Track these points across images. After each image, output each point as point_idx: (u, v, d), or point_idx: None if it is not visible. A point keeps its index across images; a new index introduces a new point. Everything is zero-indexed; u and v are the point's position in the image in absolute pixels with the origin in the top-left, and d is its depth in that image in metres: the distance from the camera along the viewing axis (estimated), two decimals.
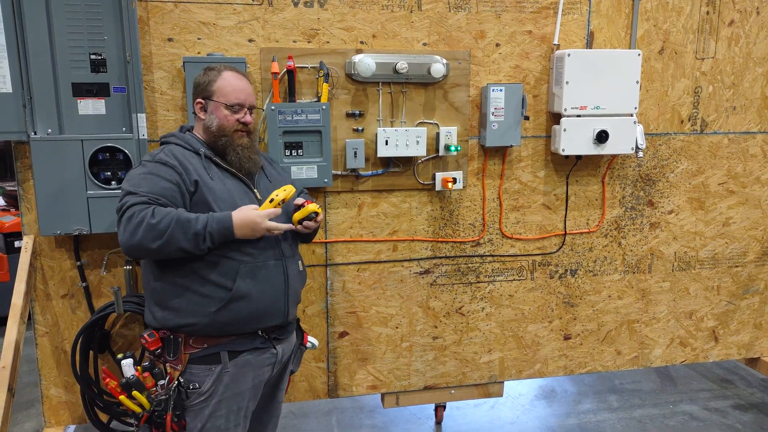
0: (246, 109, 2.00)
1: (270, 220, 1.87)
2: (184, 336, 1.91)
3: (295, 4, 2.47)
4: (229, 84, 1.97)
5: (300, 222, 2.03)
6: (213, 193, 1.91)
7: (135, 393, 1.89)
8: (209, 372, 1.92)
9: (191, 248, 1.81)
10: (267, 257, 1.96)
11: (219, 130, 1.97)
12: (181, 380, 1.91)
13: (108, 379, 1.95)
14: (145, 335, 1.92)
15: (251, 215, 1.85)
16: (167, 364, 1.94)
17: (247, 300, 1.91)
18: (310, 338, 2.29)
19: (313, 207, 2.02)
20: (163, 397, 1.90)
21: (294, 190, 1.94)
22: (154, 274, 1.94)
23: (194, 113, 2.02)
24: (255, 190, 2.02)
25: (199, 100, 1.99)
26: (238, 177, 1.99)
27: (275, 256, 1.98)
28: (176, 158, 1.91)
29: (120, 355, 1.99)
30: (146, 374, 1.91)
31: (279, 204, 1.90)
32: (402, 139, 2.58)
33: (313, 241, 2.65)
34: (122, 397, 1.90)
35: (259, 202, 1.97)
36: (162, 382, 1.92)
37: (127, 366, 1.93)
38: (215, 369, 1.92)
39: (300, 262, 2.12)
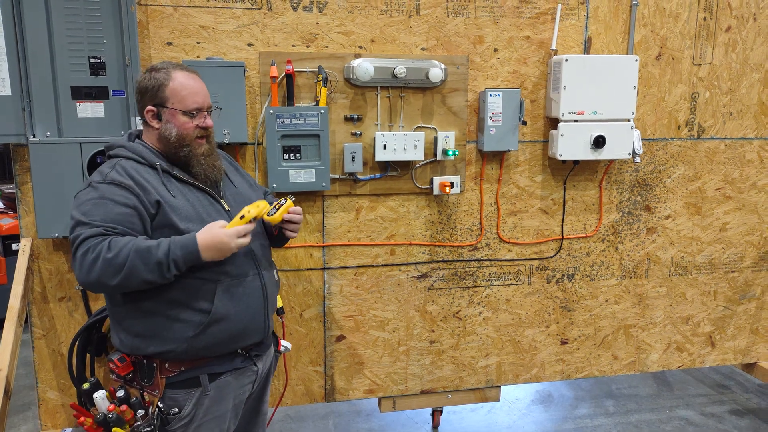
0: (205, 112, 1.82)
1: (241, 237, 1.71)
2: (159, 361, 1.78)
3: (295, 9, 2.48)
4: (184, 87, 1.77)
5: (281, 222, 1.90)
6: (177, 212, 1.73)
7: (115, 429, 1.75)
8: (189, 395, 1.80)
9: (155, 279, 1.64)
10: (244, 272, 1.83)
11: (179, 140, 1.78)
12: (161, 406, 1.79)
13: (82, 417, 1.79)
14: (115, 360, 1.79)
15: (218, 235, 1.66)
16: (144, 392, 1.81)
17: (226, 321, 1.78)
18: (283, 342, 2.22)
19: (289, 203, 1.90)
20: (147, 429, 1.76)
21: (267, 206, 1.80)
22: (118, 299, 1.77)
23: (143, 121, 1.83)
24: (221, 200, 1.87)
25: (150, 107, 1.78)
26: (201, 189, 1.83)
27: (252, 270, 1.85)
28: (131, 176, 1.72)
29: (86, 385, 1.85)
30: (124, 407, 1.78)
31: (251, 221, 1.73)
32: (400, 144, 2.59)
33: (311, 244, 2.67)
34: None
35: (228, 213, 1.84)
36: (141, 412, 1.78)
37: (101, 400, 1.80)
38: (195, 392, 1.81)
39: (275, 270, 2.00)
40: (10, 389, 2.23)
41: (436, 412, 3.37)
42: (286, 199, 1.93)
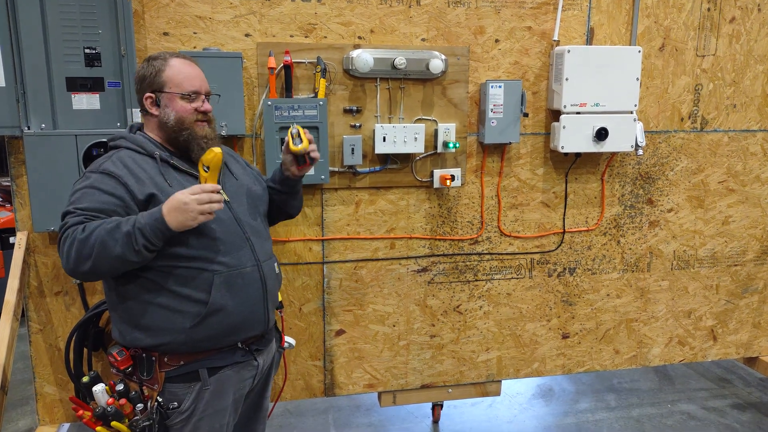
0: (203, 97, 1.84)
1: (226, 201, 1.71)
2: (158, 354, 1.77)
3: None
4: (180, 71, 1.80)
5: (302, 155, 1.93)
6: None
7: (114, 423, 1.74)
8: (188, 389, 1.80)
9: (128, 253, 1.61)
10: (242, 264, 1.81)
11: (178, 124, 1.80)
12: (160, 400, 1.78)
13: (80, 411, 1.78)
14: (114, 353, 1.78)
15: (177, 196, 1.62)
16: (143, 386, 1.80)
17: (224, 313, 1.77)
18: (287, 338, 2.20)
19: (299, 127, 1.94)
20: (146, 423, 1.76)
21: (220, 151, 1.72)
22: (116, 290, 1.78)
23: (142, 111, 1.85)
24: (221, 191, 1.80)
25: (148, 94, 1.80)
26: (198, 178, 1.82)
27: (251, 262, 1.84)
28: (126, 167, 1.73)
29: (86, 378, 1.84)
30: (123, 401, 1.76)
31: (205, 171, 1.67)
32: (400, 136, 2.56)
33: (310, 238, 2.64)
34: (99, 429, 1.75)
35: (227, 204, 1.83)
36: (140, 406, 1.77)
37: (100, 393, 1.79)
38: (195, 386, 1.80)
39: (276, 264, 1.98)
40: (7, 384, 2.22)
41: (437, 407, 3.36)
42: (296, 127, 1.94)
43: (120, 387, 1.80)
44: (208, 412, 1.83)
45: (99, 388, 1.80)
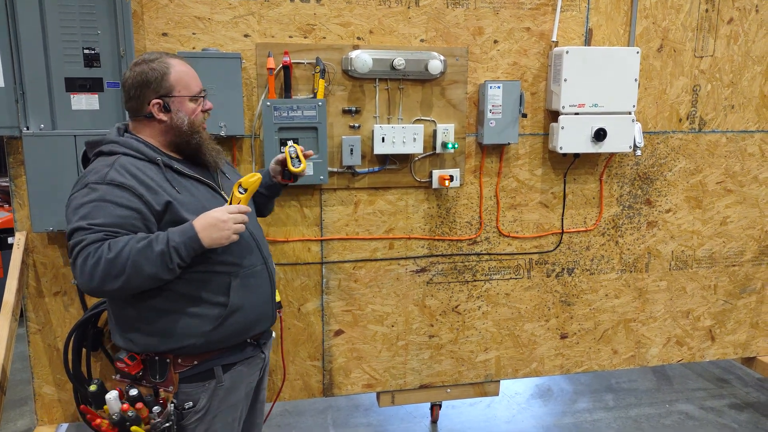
0: (203, 95, 1.82)
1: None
2: (172, 356, 1.75)
3: None
4: (186, 72, 1.75)
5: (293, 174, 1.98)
6: (186, 208, 1.70)
7: (133, 428, 1.72)
8: (203, 388, 1.80)
9: (161, 272, 1.60)
10: (253, 263, 1.84)
11: (191, 128, 1.76)
12: (176, 401, 1.77)
13: (97, 420, 1.77)
14: (125, 359, 1.75)
15: (214, 214, 1.65)
16: (158, 389, 1.78)
17: (241, 312, 1.79)
18: None
19: (299, 147, 1.97)
20: (165, 425, 1.74)
21: (260, 177, 1.74)
22: (133, 305, 1.73)
23: (143, 116, 1.75)
24: (222, 192, 1.86)
25: (156, 100, 1.71)
26: (202, 182, 1.81)
27: (259, 261, 1.87)
28: (133, 176, 1.65)
29: (93, 387, 1.82)
30: (139, 405, 1.74)
31: (241, 193, 1.71)
32: (399, 136, 2.56)
33: (308, 238, 2.64)
34: None
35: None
36: (156, 408, 1.75)
37: (114, 400, 1.75)
38: (209, 384, 1.81)
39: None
40: (6, 384, 2.22)
41: (435, 407, 3.36)
42: (294, 146, 1.97)
43: (134, 392, 1.76)
44: (222, 407, 1.85)
45: (112, 396, 1.76)
